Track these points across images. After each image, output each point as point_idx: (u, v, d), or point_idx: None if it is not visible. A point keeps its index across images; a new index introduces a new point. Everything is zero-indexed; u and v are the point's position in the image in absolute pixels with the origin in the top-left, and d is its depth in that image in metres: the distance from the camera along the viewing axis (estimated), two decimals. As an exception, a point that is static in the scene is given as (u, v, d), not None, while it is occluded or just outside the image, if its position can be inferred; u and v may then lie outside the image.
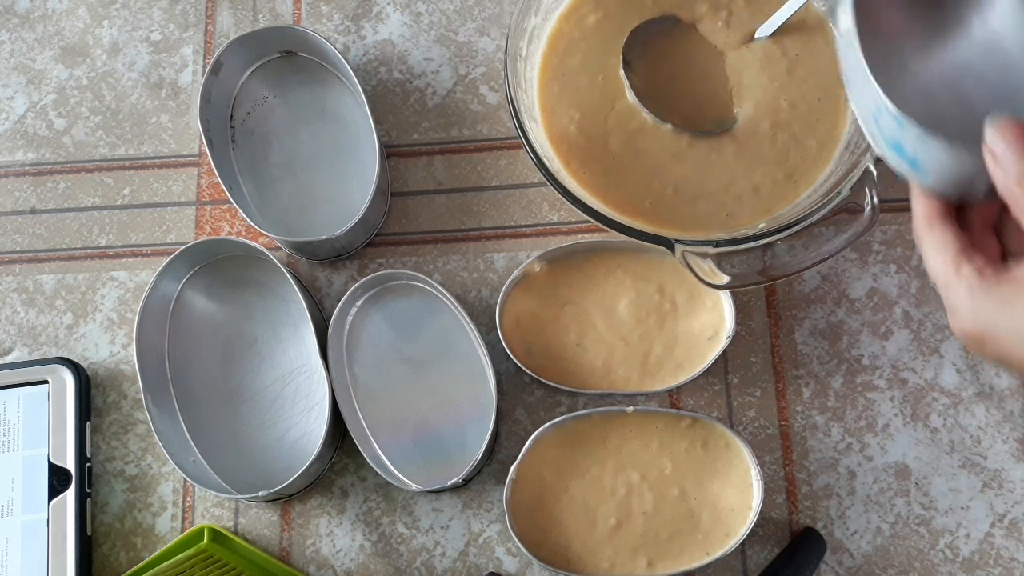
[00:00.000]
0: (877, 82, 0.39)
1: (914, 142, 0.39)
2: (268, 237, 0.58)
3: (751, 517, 0.53)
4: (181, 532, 0.56)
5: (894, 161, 0.41)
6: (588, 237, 0.59)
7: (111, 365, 0.59)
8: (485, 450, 0.53)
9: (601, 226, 0.52)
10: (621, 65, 0.57)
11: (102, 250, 0.61)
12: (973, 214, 0.41)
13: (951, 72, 0.42)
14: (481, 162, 0.61)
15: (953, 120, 0.41)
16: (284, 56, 0.62)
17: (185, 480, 0.57)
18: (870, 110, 0.40)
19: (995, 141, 0.36)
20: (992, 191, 0.38)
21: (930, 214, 0.40)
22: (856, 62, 0.40)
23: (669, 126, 0.56)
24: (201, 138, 0.61)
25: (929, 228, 0.40)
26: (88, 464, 0.57)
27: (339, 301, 0.55)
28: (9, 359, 0.60)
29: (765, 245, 0.51)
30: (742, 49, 0.58)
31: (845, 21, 0.40)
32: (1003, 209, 0.39)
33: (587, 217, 0.52)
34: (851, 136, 0.55)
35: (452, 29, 0.64)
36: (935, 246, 0.40)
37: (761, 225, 0.54)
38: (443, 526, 0.56)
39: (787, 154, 0.56)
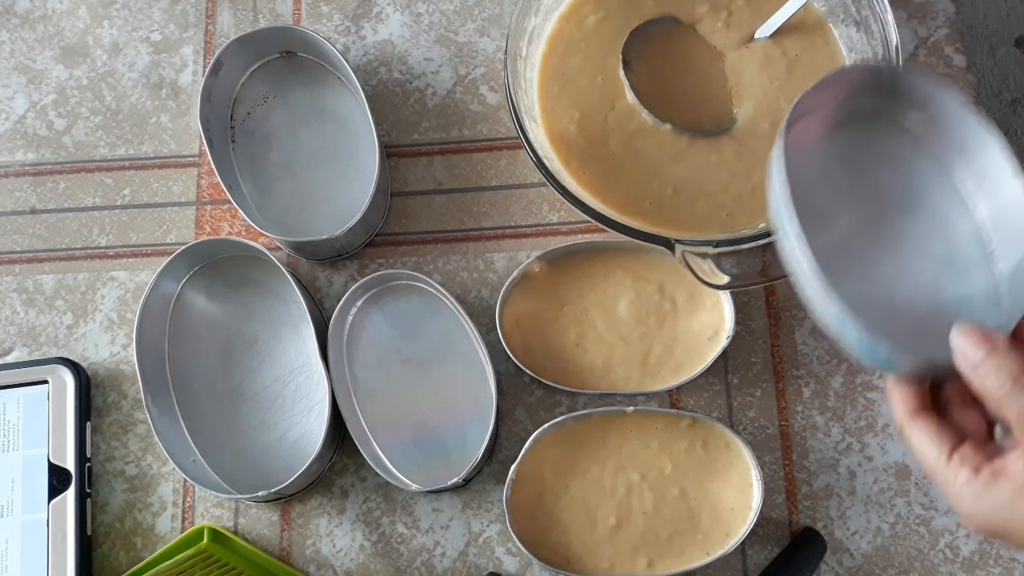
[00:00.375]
0: (830, 283, 0.39)
1: (887, 352, 0.39)
2: (268, 237, 0.58)
3: (751, 517, 0.53)
4: (181, 532, 0.56)
5: (865, 361, 0.41)
6: (588, 237, 0.59)
7: (111, 365, 0.59)
8: (485, 450, 0.53)
9: (601, 226, 0.52)
10: (621, 65, 0.57)
11: (102, 250, 0.61)
12: (950, 390, 0.42)
13: (902, 257, 0.43)
14: (481, 162, 0.61)
15: (912, 302, 0.42)
16: (284, 56, 0.62)
17: (185, 480, 0.57)
18: (830, 317, 0.40)
19: (963, 347, 0.38)
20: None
21: (910, 408, 0.41)
22: (808, 272, 0.40)
23: (669, 126, 0.56)
24: (201, 138, 0.61)
25: (911, 423, 0.41)
26: (88, 464, 0.57)
27: (339, 301, 0.55)
28: (9, 359, 0.60)
29: (765, 245, 0.51)
30: (741, 49, 0.58)
31: (787, 226, 0.40)
32: None
33: (587, 217, 0.52)
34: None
35: (452, 29, 0.64)
36: (921, 441, 0.40)
37: (761, 225, 0.54)
38: (443, 526, 0.56)
39: None
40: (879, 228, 0.44)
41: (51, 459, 0.56)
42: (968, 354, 0.38)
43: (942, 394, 0.42)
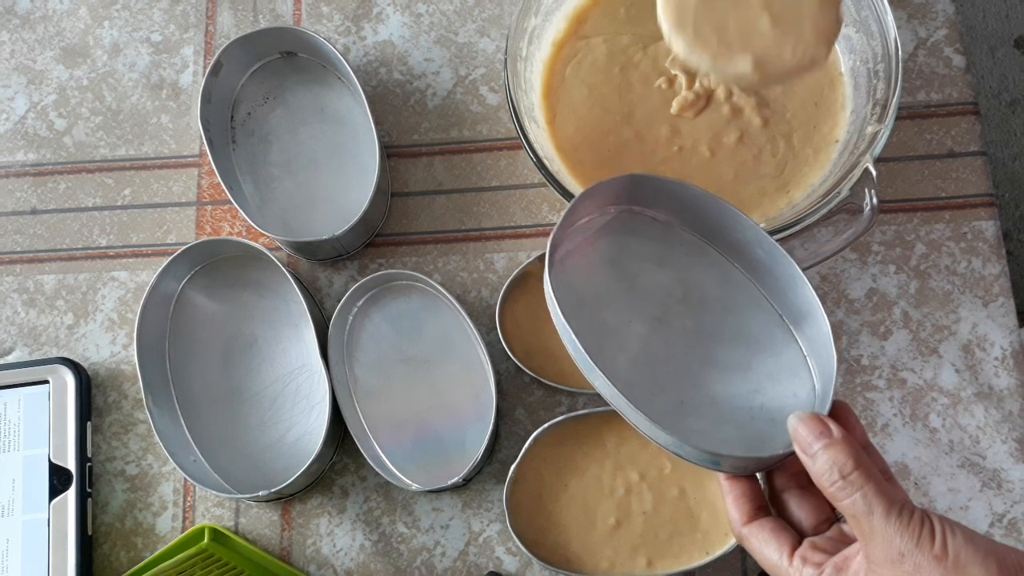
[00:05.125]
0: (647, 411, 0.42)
1: (709, 458, 0.42)
2: (268, 237, 0.58)
3: (750, 517, 0.53)
4: (182, 532, 0.57)
5: (693, 462, 0.44)
6: (588, 237, 0.59)
7: (112, 365, 0.59)
8: (485, 450, 0.53)
9: (601, 226, 0.52)
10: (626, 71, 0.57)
11: (103, 250, 0.61)
12: (781, 479, 0.43)
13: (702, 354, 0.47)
14: (481, 163, 0.61)
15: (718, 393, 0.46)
16: (284, 57, 0.62)
17: (185, 480, 0.57)
18: (645, 432, 0.43)
19: (800, 434, 0.40)
20: (789, 454, 0.41)
21: (746, 515, 0.42)
22: (619, 400, 0.43)
23: (671, 126, 0.56)
24: (201, 138, 0.61)
25: (748, 529, 0.42)
26: (89, 464, 0.57)
27: (339, 301, 0.55)
28: (10, 359, 0.60)
29: (764, 245, 0.51)
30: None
31: (591, 375, 0.43)
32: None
33: (587, 217, 0.52)
34: (849, 137, 0.55)
35: (452, 30, 0.64)
36: (761, 545, 0.42)
37: (762, 225, 0.54)
38: (443, 526, 0.56)
39: (784, 163, 0.56)
40: (671, 329, 0.47)
41: (52, 459, 0.56)
42: (802, 438, 0.40)
43: (776, 488, 0.43)
